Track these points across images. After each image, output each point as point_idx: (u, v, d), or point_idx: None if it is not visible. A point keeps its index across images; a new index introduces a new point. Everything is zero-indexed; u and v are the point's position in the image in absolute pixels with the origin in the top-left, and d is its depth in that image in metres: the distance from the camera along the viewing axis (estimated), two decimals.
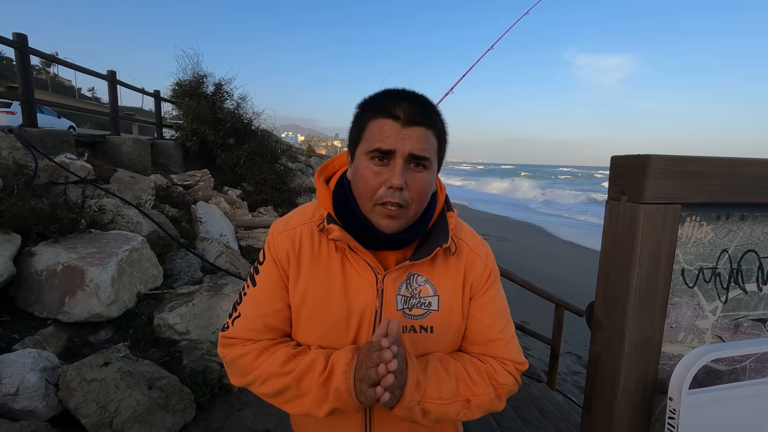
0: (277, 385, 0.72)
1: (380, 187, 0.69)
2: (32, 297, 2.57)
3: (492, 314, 0.81)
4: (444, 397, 0.71)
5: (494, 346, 0.80)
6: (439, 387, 0.71)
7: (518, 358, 0.82)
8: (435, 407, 0.71)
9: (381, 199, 0.69)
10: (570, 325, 4.02)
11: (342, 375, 0.68)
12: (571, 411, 3.22)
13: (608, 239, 0.76)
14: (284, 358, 0.73)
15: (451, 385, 0.73)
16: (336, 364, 0.70)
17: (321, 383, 0.69)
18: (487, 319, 0.81)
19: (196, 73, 8.53)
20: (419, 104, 0.70)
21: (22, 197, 2.80)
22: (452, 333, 0.79)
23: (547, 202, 28.58)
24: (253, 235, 5.24)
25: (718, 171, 0.70)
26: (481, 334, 0.80)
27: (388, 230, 0.71)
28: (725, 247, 0.76)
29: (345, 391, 0.68)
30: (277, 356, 0.74)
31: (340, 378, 0.68)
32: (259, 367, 0.74)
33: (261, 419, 2.33)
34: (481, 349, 0.81)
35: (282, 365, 0.73)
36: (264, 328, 0.77)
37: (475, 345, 0.81)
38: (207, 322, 2.93)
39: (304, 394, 0.71)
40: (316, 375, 0.70)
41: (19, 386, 1.92)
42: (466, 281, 0.80)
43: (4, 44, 4.42)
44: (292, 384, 0.71)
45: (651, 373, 0.75)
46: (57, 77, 49.32)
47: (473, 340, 0.81)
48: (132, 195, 4.20)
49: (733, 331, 0.79)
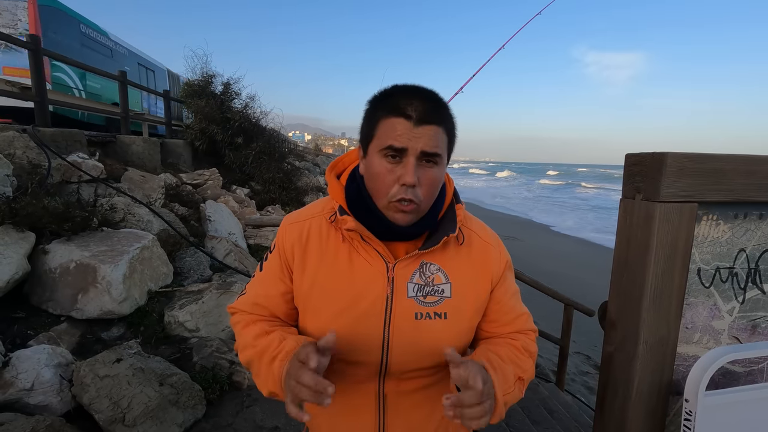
0: (247, 356, 0.78)
1: (394, 184, 0.71)
2: (46, 294, 2.62)
3: (513, 295, 0.87)
4: (510, 385, 0.75)
5: (520, 320, 0.87)
6: (505, 378, 0.74)
7: (535, 328, 0.90)
8: (510, 398, 0.75)
9: (395, 196, 0.71)
10: (578, 324, 3.99)
11: (279, 362, 0.71)
12: (580, 411, 3.19)
13: (622, 238, 0.75)
14: (259, 331, 0.79)
15: (509, 371, 0.77)
16: (281, 350, 0.73)
17: (267, 362, 0.73)
18: (511, 300, 0.86)
19: (205, 72, 8.61)
20: (430, 102, 0.71)
21: (36, 196, 2.85)
22: (466, 319, 0.81)
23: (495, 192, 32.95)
24: (261, 234, 5.27)
25: (737, 169, 0.69)
26: (509, 314, 0.86)
27: (402, 223, 0.74)
28: (743, 247, 0.75)
29: (277, 379, 0.70)
30: (254, 328, 0.80)
31: (278, 364, 0.71)
32: (241, 336, 0.81)
33: (270, 416, 2.34)
34: (512, 327, 0.86)
35: (255, 337, 0.78)
36: (256, 306, 0.84)
37: (506, 325, 0.86)
38: (216, 319, 2.96)
39: (258, 372, 0.75)
40: (269, 353, 0.73)
41: (35, 381, 1.96)
42: (485, 272, 0.83)
43: (19, 45, 4.49)
44: (255, 358, 0.76)
45: (666, 374, 0.74)
46: None
47: (504, 321, 0.86)
48: (142, 194, 4.26)
49: (751, 332, 0.78)
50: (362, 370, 0.79)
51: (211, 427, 2.20)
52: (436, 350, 0.79)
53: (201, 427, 2.17)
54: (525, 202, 27.76)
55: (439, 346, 0.79)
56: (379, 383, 0.80)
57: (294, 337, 0.76)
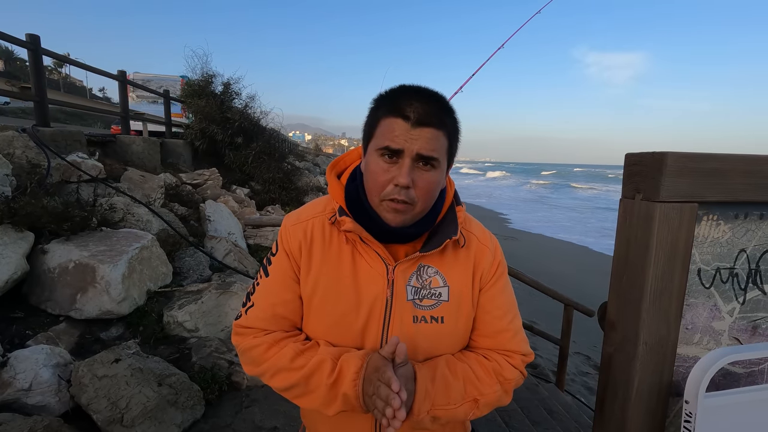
0: (287, 380, 0.74)
1: (388, 184, 0.70)
2: (45, 294, 2.62)
3: (501, 306, 0.82)
4: (452, 402, 0.73)
5: (502, 337, 0.81)
6: (447, 393, 0.73)
7: (525, 350, 0.83)
8: (444, 413, 0.72)
9: (388, 195, 0.71)
10: (578, 325, 3.98)
11: (351, 383, 0.70)
12: (580, 412, 3.18)
13: (622, 238, 0.75)
14: (293, 353, 0.75)
15: (458, 388, 0.74)
16: (345, 371, 0.71)
17: (329, 385, 0.71)
18: (497, 311, 0.82)
19: (205, 72, 8.60)
20: (431, 105, 0.69)
21: (35, 196, 2.84)
22: (462, 323, 0.80)
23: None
24: (261, 234, 5.27)
25: (737, 168, 0.68)
26: (490, 325, 0.81)
27: (394, 224, 0.73)
28: (743, 247, 0.74)
29: (354, 398, 0.70)
30: (287, 351, 0.75)
31: (349, 386, 0.70)
32: (269, 359, 0.76)
33: (269, 416, 2.34)
34: (490, 341, 0.82)
35: (291, 360, 0.74)
36: (274, 317, 0.79)
37: (484, 337, 0.82)
38: (216, 319, 2.96)
39: (312, 391, 0.73)
40: (324, 376, 0.72)
41: (33, 382, 1.95)
42: (475, 273, 0.81)
43: (18, 45, 4.49)
44: (301, 381, 0.73)
45: (666, 375, 0.73)
46: (69, 77, 49.93)
47: (482, 331, 0.82)
48: (142, 194, 4.25)
49: (751, 333, 0.78)
50: None
51: (210, 427, 2.19)
52: (433, 355, 0.78)
53: (200, 428, 2.17)
54: (506, 201, 28.59)
55: (436, 351, 0.78)
56: None
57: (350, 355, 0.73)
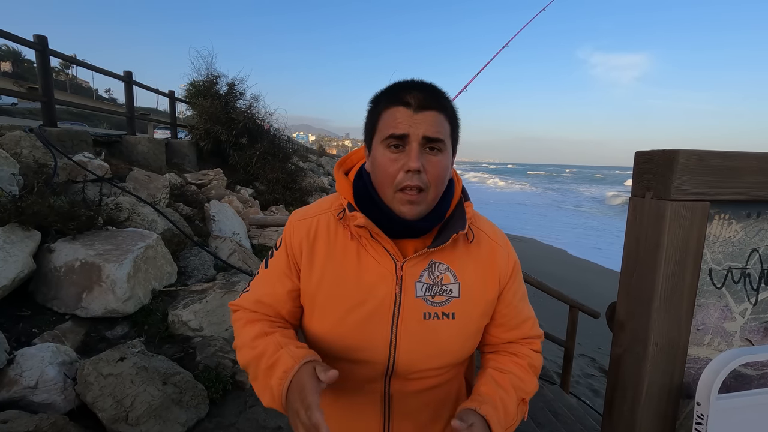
0: (244, 358, 0.76)
1: (398, 172, 0.70)
2: (51, 292, 2.63)
3: (521, 298, 0.86)
4: (511, 414, 0.76)
5: (525, 326, 0.86)
6: (506, 411, 0.75)
7: (541, 333, 0.89)
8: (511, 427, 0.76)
9: (401, 184, 0.70)
10: (583, 327, 3.95)
11: (277, 380, 0.67)
12: (585, 414, 3.16)
13: (632, 237, 0.74)
14: (256, 333, 0.76)
15: (513, 401, 0.77)
16: (277, 365, 0.69)
17: (264, 371, 0.70)
18: (519, 304, 0.85)
19: (210, 73, 8.64)
20: (429, 90, 0.72)
21: (42, 195, 2.87)
22: (474, 320, 0.80)
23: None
24: (265, 234, 5.28)
25: (750, 167, 0.67)
26: (514, 317, 0.84)
27: (409, 216, 0.72)
28: (755, 247, 0.73)
29: (277, 397, 0.67)
30: (253, 328, 0.77)
31: (276, 381, 0.67)
32: (241, 335, 0.79)
33: (273, 416, 2.34)
34: (515, 333, 0.85)
35: (253, 338, 0.75)
36: (260, 304, 0.82)
37: (512, 330, 0.85)
38: (220, 319, 2.96)
39: (257, 377, 0.73)
40: (266, 360, 0.71)
41: (39, 379, 1.96)
42: (491, 273, 0.81)
43: (26, 46, 4.53)
44: (252, 362, 0.73)
45: (676, 377, 0.72)
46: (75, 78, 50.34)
47: (508, 324, 0.85)
48: (147, 193, 4.27)
49: (763, 335, 0.76)
50: (368, 370, 0.78)
51: (214, 426, 2.19)
52: (444, 351, 0.78)
53: (204, 427, 2.17)
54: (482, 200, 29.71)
55: (447, 347, 0.78)
56: (384, 383, 0.79)
57: (291, 350, 0.70)
